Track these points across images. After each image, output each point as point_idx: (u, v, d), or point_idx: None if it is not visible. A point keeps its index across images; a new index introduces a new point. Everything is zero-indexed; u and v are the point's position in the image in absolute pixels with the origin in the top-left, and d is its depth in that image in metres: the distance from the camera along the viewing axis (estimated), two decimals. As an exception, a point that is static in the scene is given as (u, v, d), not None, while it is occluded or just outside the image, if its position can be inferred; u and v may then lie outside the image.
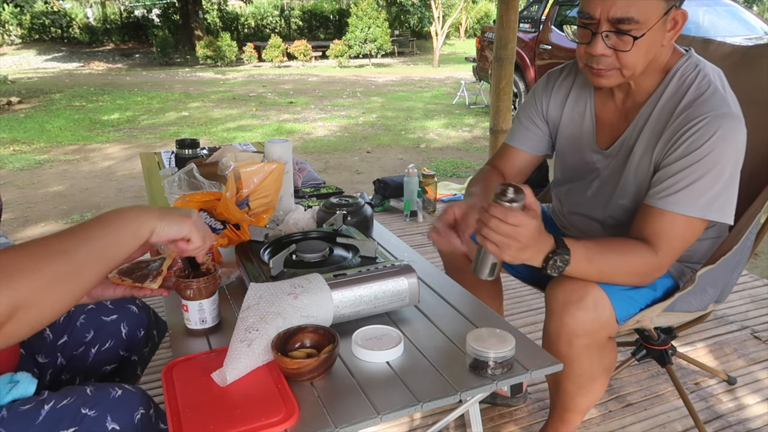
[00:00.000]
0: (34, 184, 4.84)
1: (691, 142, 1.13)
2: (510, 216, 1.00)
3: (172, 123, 7.70)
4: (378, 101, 9.55)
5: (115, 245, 0.82)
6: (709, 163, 1.11)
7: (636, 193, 1.28)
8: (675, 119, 1.18)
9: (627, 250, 1.17)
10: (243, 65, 16.70)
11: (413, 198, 3.42)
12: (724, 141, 1.11)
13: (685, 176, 1.13)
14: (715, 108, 1.14)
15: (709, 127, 1.12)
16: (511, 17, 3.40)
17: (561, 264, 1.09)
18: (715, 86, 1.17)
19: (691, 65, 1.22)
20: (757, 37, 5.63)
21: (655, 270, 1.18)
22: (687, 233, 1.16)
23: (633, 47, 1.13)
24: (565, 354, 1.23)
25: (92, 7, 22.71)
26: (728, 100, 1.16)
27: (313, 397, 0.93)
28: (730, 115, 1.13)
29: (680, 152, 1.15)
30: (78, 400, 0.89)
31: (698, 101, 1.16)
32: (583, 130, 1.39)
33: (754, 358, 2.03)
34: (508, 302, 2.38)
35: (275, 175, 1.59)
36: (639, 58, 1.16)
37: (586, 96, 1.38)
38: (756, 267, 2.94)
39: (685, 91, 1.20)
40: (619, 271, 1.17)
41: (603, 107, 1.36)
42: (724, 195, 1.13)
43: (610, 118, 1.34)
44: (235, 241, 1.39)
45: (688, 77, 1.21)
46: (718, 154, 1.11)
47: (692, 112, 1.16)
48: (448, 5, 20.09)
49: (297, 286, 1.06)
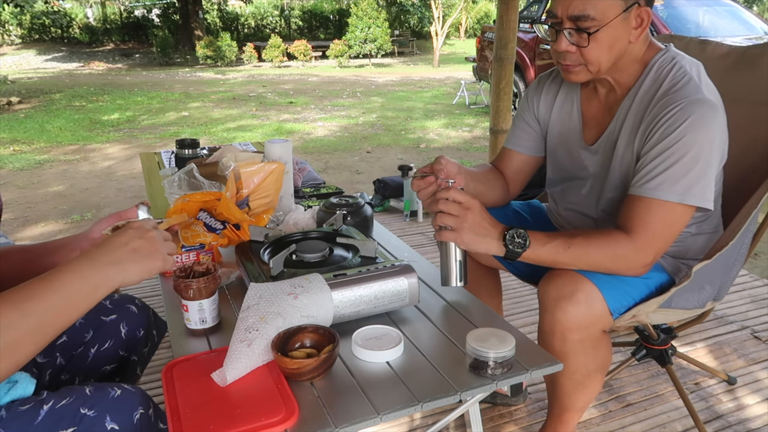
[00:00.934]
0: (34, 184, 4.84)
1: (665, 128, 1.16)
2: (453, 193, 1.13)
3: (172, 123, 7.70)
4: (378, 101, 9.55)
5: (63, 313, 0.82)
6: (683, 148, 1.14)
7: (623, 185, 1.30)
8: (652, 108, 1.22)
9: (598, 233, 1.22)
10: (243, 65, 16.70)
11: (413, 198, 3.42)
12: (697, 126, 1.13)
13: (660, 162, 1.16)
14: (688, 95, 1.16)
15: (681, 113, 1.15)
16: (511, 17, 3.40)
17: (519, 240, 1.15)
18: (690, 76, 1.20)
19: (668, 58, 1.25)
20: (757, 37, 5.63)
21: (633, 252, 1.18)
22: (667, 218, 1.17)
23: (592, 43, 1.19)
24: (559, 350, 1.24)
25: (92, 7, 22.72)
26: (702, 88, 1.18)
27: (313, 397, 0.93)
28: (703, 101, 1.15)
29: (655, 139, 1.18)
30: (77, 400, 0.88)
31: (672, 90, 1.20)
32: (571, 127, 1.42)
33: (754, 358, 2.03)
34: (508, 302, 2.38)
35: (275, 176, 1.59)
36: (602, 54, 1.21)
37: (573, 94, 1.42)
38: (756, 267, 2.94)
39: (662, 82, 1.23)
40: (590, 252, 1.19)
41: (588, 104, 1.39)
42: (702, 180, 1.15)
43: (595, 114, 1.38)
44: (235, 241, 1.39)
45: (664, 69, 1.24)
46: (691, 140, 1.13)
47: (667, 100, 1.19)
48: (448, 5, 20.10)
49: (297, 286, 1.06)
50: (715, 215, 1.40)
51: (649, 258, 1.20)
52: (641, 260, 1.20)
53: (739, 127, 1.43)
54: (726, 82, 1.50)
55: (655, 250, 1.19)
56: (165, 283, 1.32)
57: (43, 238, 3.49)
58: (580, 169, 1.42)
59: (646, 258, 1.19)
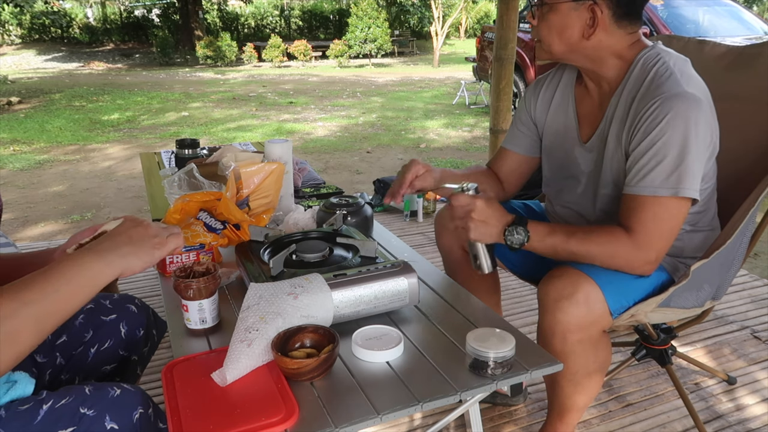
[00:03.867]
0: (34, 184, 4.84)
1: (648, 124, 1.18)
2: (455, 198, 1.24)
3: (172, 123, 7.70)
4: (378, 101, 9.55)
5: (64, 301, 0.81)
6: (669, 143, 1.15)
7: (614, 181, 1.31)
8: (636, 104, 1.23)
9: (599, 230, 1.24)
10: (243, 65, 16.70)
11: (413, 198, 3.42)
12: (677, 120, 1.15)
13: (650, 159, 1.17)
14: (668, 90, 1.18)
15: (662, 108, 1.16)
16: (511, 17, 3.40)
17: (519, 235, 1.21)
18: (671, 71, 1.21)
19: (653, 54, 1.26)
20: (756, 37, 5.63)
21: (633, 250, 1.19)
22: (663, 214, 1.18)
23: (542, 21, 1.29)
24: (559, 351, 1.24)
25: (92, 7, 22.72)
26: (682, 82, 1.19)
27: (313, 397, 0.93)
28: (683, 95, 1.16)
29: (639, 135, 1.20)
30: (76, 400, 0.88)
31: (653, 85, 1.21)
32: (566, 126, 1.44)
33: (753, 358, 2.03)
34: (509, 302, 2.38)
35: (276, 176, 1.59)
36: (550, 35, 1.29)
37: (568, 94, 1.44)
38: (756, 267, 2.94)
39: (645, 77, 1.24)
40: (590, 249, 1.21)
41: (582, 102, 1.41)
42: (690, 172, 1.16)
43: (589, 112, 1.39)
44: (235, 241, 1.39)
45: (648, 65, 1.25)
46: (675, 135, 1.15)
47: (648, 95, 1.20)
48: (448, 5, 20.09)
49: (297, 286, 1.06)
50: (711, 212, 1.41)
51: (651, 255, 1.20)
52: (642, 257, 1.20)
53: (736, 126, 1.43)
54: (724, 81, 1.50)
55: (656, 248, 1.19)
56: (165, 283, 1.32)
57: (42, 238, 3.49)
58: (575, 168, 1.43)
59: (647, 255, 1.20)
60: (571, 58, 1.32)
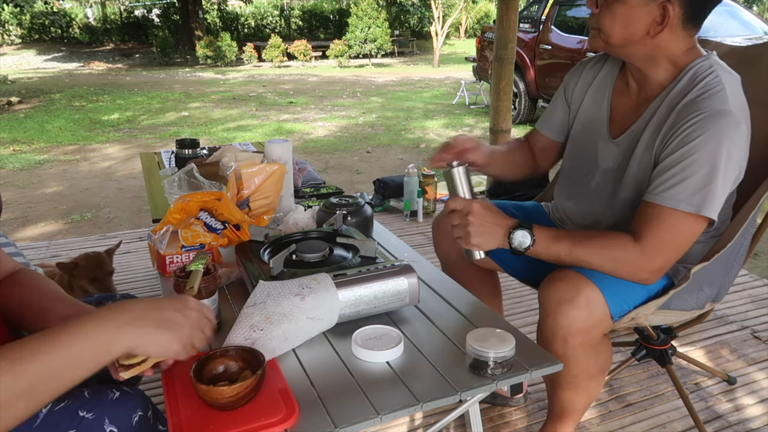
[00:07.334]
0: (34, 184, 4.84)
1: (684, 136, 1.14)
2: (450, 203, 1.21)
3: (172, 123, 7.70)
4: (378, 101, 9.55)
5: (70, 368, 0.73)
6: (702, 159, 1.12)
7: (636, 185, 1.28)
8: (675, 113, 1.20)
9: (605, 235, 1.21)
10: (243, 65, 16.70)
11: (413, 198, 3.42)
12: (714, 139, 1.11)
13: (679, 171, 1.14)
14: (713, 106, 1.14)
15: (702, 123, 1.13)
16: (511, 17, 3.40)
17: (523, 239, 1.18)
18: (722, 86, 1.17)
19: (706, 65, 1.23)
20: (757, 37, 5.62)
21: (638, 258, 1.16)
22: (680, 228, 1.15)
23: (607, 9, 1.22)
24: (561, 354, 1.23)
25: (92, 7, 22.71)
26: (729, 100, 1.15)
27: (313, 397, 0.93)
28: (727, 113, 1.13)
29: (673, 146, 1.16)
30: (75, 403, 0.88)
31: (699, 97, 1.17)
32: (598, 117, 1.41)
33: (753, 358, 2.03)
34: (508, 302, 2.38)
35: (276, 177, 1.59)
36: (614, 25, 1.22)
37: (607, 85, 1.41)
38: (756, 267, 2.94)
39: (692, 88, 1.20)
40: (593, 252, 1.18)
41: (619, 98, 1.38)
42: (715, 192, 1.13)
43: (624, 110, 1.36)
44: (235, 241, 1.39)
45: (699, 75, 1.21)
46: (709, 151, 1.11)
47: (691, 107, 1.16)
48: (448, 5, 20.08)
49: (305, 287, 1.06)
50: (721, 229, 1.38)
51: (656, 265, 1.17)
52: (646, 266, 1.17)
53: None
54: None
55: (662, 258, 1.17)
56: (165, 283, 1.32)
57: (42, 238, 3.48)
58: (596, 160, 1.40)
59: (651, 264, 1.17)
60: (626, 53, 1.27)
